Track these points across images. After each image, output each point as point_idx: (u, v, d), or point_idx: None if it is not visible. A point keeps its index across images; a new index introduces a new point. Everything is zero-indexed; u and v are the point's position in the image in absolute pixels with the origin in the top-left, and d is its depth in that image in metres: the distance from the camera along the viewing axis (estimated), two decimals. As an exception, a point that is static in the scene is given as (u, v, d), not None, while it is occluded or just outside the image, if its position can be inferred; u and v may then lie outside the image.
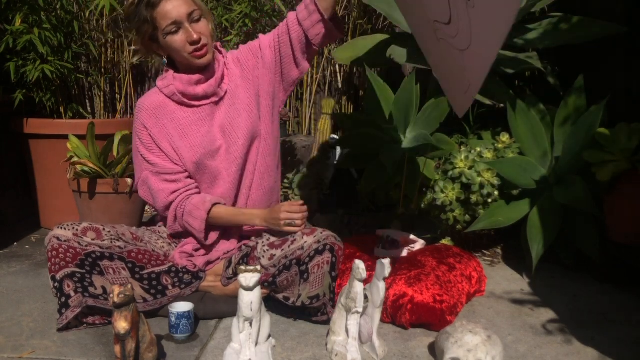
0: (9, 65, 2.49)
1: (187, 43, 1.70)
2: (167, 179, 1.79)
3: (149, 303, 1.71)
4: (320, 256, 1.66)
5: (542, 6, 2.28)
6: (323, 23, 1.76)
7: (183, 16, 1.68)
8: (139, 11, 1.70)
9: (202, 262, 1.80)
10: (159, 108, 1.80)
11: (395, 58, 2.27)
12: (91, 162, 2.38)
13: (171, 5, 1.68)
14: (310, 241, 1.69)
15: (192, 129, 1.80)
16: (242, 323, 1.41)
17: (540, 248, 2.05)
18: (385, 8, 2.39)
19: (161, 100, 1.80)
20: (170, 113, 1.80)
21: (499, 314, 1.82)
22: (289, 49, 1.82)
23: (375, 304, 1.51)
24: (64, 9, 2.60)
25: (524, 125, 2.25)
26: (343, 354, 1.47)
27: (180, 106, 1.80)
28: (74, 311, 1.62)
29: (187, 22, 1.69)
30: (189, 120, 1.80)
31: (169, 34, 1.70)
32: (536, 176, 2.18)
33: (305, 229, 1.74)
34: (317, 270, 1.66)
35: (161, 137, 1.79)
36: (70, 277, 1.64)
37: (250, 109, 1.83)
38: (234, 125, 1.81)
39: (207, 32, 1.73)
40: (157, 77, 3.18)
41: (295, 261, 1.68)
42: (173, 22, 1.68)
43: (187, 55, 1.72)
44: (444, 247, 2.04)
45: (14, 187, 2.92)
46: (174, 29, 1.69)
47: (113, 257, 1.69)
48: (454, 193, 2.15)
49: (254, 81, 1.85)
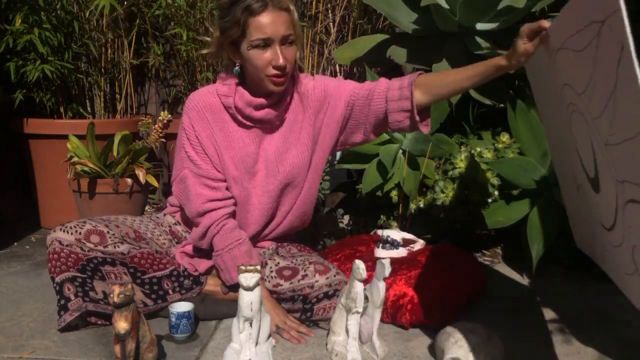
0: (9, 65, 2.50)
1: (269, 64, 1.56)
2: (208, 185, 1.70)
3: (148, 307, 1.70)
4: (328, 300, 1.65)
5: (542, 6, 2.28)
6: (409, 115, 1.63)
7: (278, 36, 1.55)
8: (233, 11, 1.55)
9: (205, 267, 1.77)
10: (211, 112, 1.69)
11: (395, 58, 2.27)
12: (91, 162, 2.38)
13: (270, 19, 1.53)
14: (321, 282, 1.66)
15: (239, 144, 1.71)
16: (242, 323, 1.41)
17: (540, 248, 2.05)
18: (385, 8, 2.39)
19: (216, 105, 1.69)
20: (221, 122, 1.70)
21: (499, 314, 1.82)
22: (363, 115, 1.70)
23: (375, 304, 1.51)
24: (64, 9, 2.60)
25: (524, 125, 2.25)
26: (343, 354, 1.47)
27: (232, 119, 1.71)
28: (72, 314, 1.60)
29: (279, 44, 1.56)
30: (239, 135, 1.71)
31: (256, 47, 1.56)
32: (536, 176, 2.18)
33: (319, 266, 1.69)
34: (322, 312, 1.66)
35: (208, 142, 1.69)
36: (70, 281, 1.62)
37: (303, 149, 1.74)
38: (279, 158, 1.73)
39: (293, 60, 1.60)
40: (156, 78, 3.20)
41: (301, 297, 1.67)
42: (266, 37, 1.54)
43: (264, 77, 1.59)
44: (444, 247, 2.03)
45: (14, 187, 2.92)
46: (263, 44, 1.55)
47: (115, 263, 1.67)
48: (454, 193, 2.15)
49: (317, 125, 1.75)
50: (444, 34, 2.33)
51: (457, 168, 2.15)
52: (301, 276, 1.68)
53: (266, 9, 1.54)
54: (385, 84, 1.68)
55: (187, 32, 2.73)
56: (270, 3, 1.54)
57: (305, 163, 1.76)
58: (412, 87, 1.61)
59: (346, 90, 1.72)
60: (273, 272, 1.71)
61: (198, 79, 2.88)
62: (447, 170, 2.18)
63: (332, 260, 1.93)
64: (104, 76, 2.91)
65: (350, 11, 2.85)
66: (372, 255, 1.96)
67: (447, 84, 1.60)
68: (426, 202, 2.23)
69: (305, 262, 1.71)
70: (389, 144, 2.34)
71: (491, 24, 2.29)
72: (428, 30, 2.33)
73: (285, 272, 1.70)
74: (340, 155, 2.70)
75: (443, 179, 2.18)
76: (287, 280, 1.69)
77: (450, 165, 2.17)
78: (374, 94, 1.67)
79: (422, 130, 1.67)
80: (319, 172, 1.82)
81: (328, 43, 2.91)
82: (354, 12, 2.84)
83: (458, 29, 2.27)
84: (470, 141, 2.34)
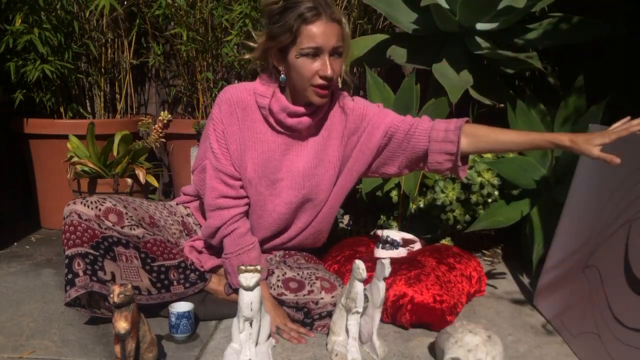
0: (9, 65, 2.50)
1: (316, 74, 1.55)
2: (224, 180, 1.69)
3: (152, 296, 1.70)
4: (330, 320, 1.62)
5: (542, 6, 2.28)
6: (452, 159, 1.63)
7: (328, 46, 1.54)
8: (286, 18, 1.53)
9: (210, 266, 1.77)
10: (242, 109, 1.68)
11: (395, 58, 2.27)
12: (91, 162, 2.39)
13: (322, 29, 1.53)
14: (326, 300, 1.66)
15: (263, 147, 1.69)
16: (242, 323, 1.41)
17: (540, 248, 2.05)
18: (385, 8, 2.39)
19: (250, 103, 1.68)
20: (251, 121, 1.68)
21: (499, 314, 1.82)
22: (400, 149, 1.70)
23: (375, 304, 1.51)
24: (64, 9, 2.60)
25: (524, 125, 2.25)
26: (343, 354, 1.47)
27: (263, 119, 1.69)
28: (78, 290, 1.60)
29: (328, 54, 1.55)
30: (265, 138, 1.69)
31: (305, 55, 1.54)
32: (536, 176, 2.18)
33: (325, 283, 1.68)
34: (320, 330, 1.66)
35: (233, 139, 1.68)
36: (82, 257, 1.61)
37: (330, 167, 1.73)
38: (307, 172, 1.71)
39: (339, 72, 1.60)
40: (156, 78, 3.20)
41: (305, 310, 1.67)
42: (317, 47, 1.53)
43: (309, 87, 1.57)
44: (444, 247, 2.03)
45: (14, 187, 2.92)
46: (313, 53, 1.54)
47: (129, 245, 1.67)
48: (454, 193, 2.15)
49: (349, 147, 1.74)
50: (444, 34, 2.33)
51: (457, 168, 2.15)
52: (307, 291, 1.67)
53: (319, 18, 1.53)
54: (428, 123, 1.68)
55: (187, 32, 2.73)
56: (324, 13, 1.53)
57: (331, 182, 1.75)
58: (459, 131, 1.62)
59: (386, 119, 1.71)
60: (280, 281, 1.70)
61: (198, 79, 2.89)
62: (447, 170, 2.18)
63: (332, 262, 1.93)
64: (104, 76, 2.91)
65: (350, 11, 2.85)
66: (372, 255, 1.95)
67: (495, 142, 1.61)
68: (426, 202, 2.23)
69: (312, 276, 1.70)
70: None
71: (491, 24, 2.29)
72: (428, 30, 2.33)
73: (291, 284, 1.69)
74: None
75: (443, 179, 2.18)
76: (292, 292, 1.68)
77: (450, 165, 2.17)
78: (416, 130, 1.67)
79: (459, 176, 1.68)
80: (342, 195, 1.81)
81: (328, 43, 2.91)
82: (354, 12, 2.84)
83: (458, 29, 2.27)
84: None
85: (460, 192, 2.15)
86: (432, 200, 2.19)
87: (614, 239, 1.45)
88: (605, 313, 1.41)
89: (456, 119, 1.66)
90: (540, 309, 1.79)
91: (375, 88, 2.40)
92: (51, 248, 2.45)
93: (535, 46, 2.33)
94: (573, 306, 1.57)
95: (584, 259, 1.54)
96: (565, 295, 1.62)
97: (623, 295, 1.37)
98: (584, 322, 1.49)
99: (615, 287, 1.40)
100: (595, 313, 1.44)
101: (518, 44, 2.35)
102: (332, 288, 1.67)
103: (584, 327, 1.49)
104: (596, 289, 1.46)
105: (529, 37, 2.35)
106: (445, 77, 2.19)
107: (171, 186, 3.17)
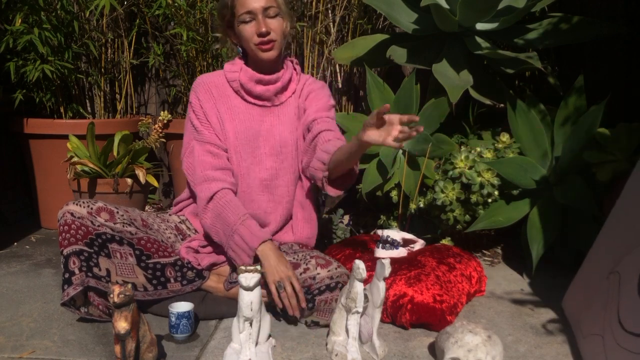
0: (9, 65, 2.50)
1: (255, 34, 1.74)
2: (211, 151, 1.79)
3: (148, 292, 1.71)
4: (330, 293, 1.67)
5: (542, 6, 2.28)
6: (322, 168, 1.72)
7: (258, 8, 1.73)
8: None
9: (207, 263, 1.79)
10: (216, 87, 1.85)
11: (395, 58, 2.27)
12: (91, 162, 2.39)
13: None
14: (323, 274, 1.69)
15: (241, 117, 1.83)
16: (242, 323, 1.41)
17: (540, 248, 2.05)
18: (385, 8, 2.39)
19: (221, 81, 1.86)
20: (225, 96, 1.85)
21: (499, 314, 1.82)
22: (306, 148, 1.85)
23: (375, 304, 1.51)
24: (64, 9, 2.60)
25: (524, 125, 2.25)
26: (343, 354, 1.47)
27: (235, 94, 1.85)
28: (75, 288, 1.62)
29: (262, 15, 1.73)
30: (241, 109, 1.84)
31: (242, 22, 1.75)
32: (536, 176, 2.18)
33: (320, 259, 1.73)
34: (323, 305, 1.68)
35: (212, 112, 1.82)
36: (77, 255, 1.64)
37: (298, 135, 1.87)
38: (281, 139, 1.85)
39: (278, 30, 1.76)
40: (156, 78, 3.20)
41: (304, 290, 1.68)
42: (248, 11, 1.73)
43: (254, 47, 1.76)
44: (444, 247, 2.04)
45: (14, 187, 2.92)
46: (248, 18, 1.74)
47: (122, 242, 1.70)
48: (454, 193, 2.15)
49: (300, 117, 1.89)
50: (444, 34, 2.33)
51: (457, 168, 2.15)
52: (303, 269, 1.70)
53: None
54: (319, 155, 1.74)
55: (187, 32, 2.73)
56: None
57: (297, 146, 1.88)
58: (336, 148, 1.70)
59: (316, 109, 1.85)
60: None
61: (198, 79, 2.88)
62: (447, 170, 2.18)
63: (332, 260, 1.93)
64: (104, 76, 2.91)
65: (350, 11, 2.85)
66: (372, 255, 1.96)
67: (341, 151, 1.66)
68: (426, 202, 2.23)
69: (306, 256, 1.74)
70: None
71: (491, 24, 2.29)
72: (428, 30, 2.33)
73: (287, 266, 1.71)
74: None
75: (443, 179, 2.18)
76: None
77: (450, 165, 2.17)
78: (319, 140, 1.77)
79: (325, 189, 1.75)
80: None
81: (328, 43, 2.91)
82: (354, 12, 2.84)
83: (458, 29, 2.27)
84: (470, 141, 2.34)
85: (460, 192, 2.15)
86: (432, 200, 2.19)
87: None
88: (613, 316, 1.41)
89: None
90: (564, 307, 1.78)
91: (375, 88, 2.40)
92: (51, 248, 2.45)
93: (535, 46, 2.34)
94: (591, 308, 1.57)
95: (612, 265, 1.54)
96: (588, 298, 1.62)
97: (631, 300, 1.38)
98: (596, 324, 1.49)
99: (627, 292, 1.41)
100: (606, 316, 1.45)
101: (518, 44, 2.35)
102: (328, 263, 1.71)
103: (593, 329, 1.50)
104: (613, 294, 1.46)
105: (529, 37, 2.35)
106: (445, 77, 2.19)
107: (171, 186, 3.17)
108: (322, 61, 3.04)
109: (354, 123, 2.43)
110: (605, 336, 1.40)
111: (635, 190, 1.61)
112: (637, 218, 1.53)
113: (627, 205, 1.63)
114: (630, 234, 1.53)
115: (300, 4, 2.98)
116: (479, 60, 2.34)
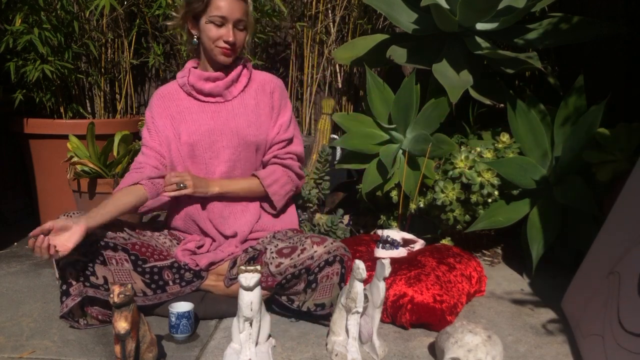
0: (9, 65, 2.50)
1: (220, 39, 1.81)
2: (143, 152, 1.89)
3: (148, 297, 1.72)
4: (330, 267, 1.67)
5: (542, 6, 2.28)
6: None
7: (232, 18, 1.80)
8: None
9: (206, 262, 1.79)
10: (169, 94, 1.93)
11: (395, 58, 2.27)
12: (91, 162, 2.38)
13: (229, 3, 1.79)
14: (320, 251, 1.69)
15: (194, 116, 1.89)
16: (242, 323, 1.41)
17: (540, 248, 2.05)
18: (385, 8, 2.39)
19: (174, 88, 1.94)
20: (177, 100, 1.92)
21: (499, 314, 1.82)
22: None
23: (375, 304, 1.51)
24: (64, 9, 2.60)
25: (524, 125, 2.25)
26: (343, 354, 1.47)
27: (188, 96, 1.92)
28: (74, 299, 1.62)
29: (232, 25, 1.81)
30: (194, 109, 1.90)
31: (212, 23, 1.80)
32: (536, 176, 2.18)
33: (315, 238, 1.73)
34: (325, 280, 1.67)
35: (163, 115, 1.90)
36: (72, 265, 1.64)
37: (255, 124, 1.91)
38: (238, 131, 1.88)
39: (242, 42, 1.87)
40: (156, 78, 3.20)
41: (304, 270, 1.68)
42: (222, 16, 1.79)
43: (214, 47, 1.83)
44: (444, 247, 2.04)
45: (14, 187, 2.92)
46: (219, 22, 1.80)
47: (117, 248, 1.69)
48: (454, 193, 2.15)
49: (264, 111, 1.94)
50: (444, 34, 2.33)
51: (457, 168, 2.15)
52: (300, 250, 1.70)
53: None
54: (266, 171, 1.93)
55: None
56: None
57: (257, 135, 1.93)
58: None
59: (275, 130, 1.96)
60: (273, 253, 1.72)
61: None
62: (447, 170, 2.18)
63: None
64: (104, 76, 2.91)
65: (350, 11, 2.85)
66: (372, 255, 1.96)
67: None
68: (426, 202, 2.23)
69: (301, 238, 1.75)
70: (389, 144, 2.34)
71: (491, 24, 2.29)
72: (428, 30, 2.33)
73: (284, 250, 1.72)
74: (341, 155, 2.70)
75: (443, 179, 2.18)
76: (287, 257, 1.69)
77: (450, 165, 2.17)
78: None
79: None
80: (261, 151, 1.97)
81: (328, 43, 2.92)
82: (354, 12, 2.84)
83: (458, 29, 2.27)
84: (470, 141, 2.34)
85: (460, 192, 2.15)
86: (432, 200, 2.19)
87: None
88: (613, 316, 1.41)
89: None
90: (563, 307, 1.78)
91: (375, 88, 2.40)
92: (51, 248, 2.45)
93: (535, 46, 2.34)
94: (591, 308, 1.57)
95: (612, 265, 1.55)
96: (587, 298, 1.62)
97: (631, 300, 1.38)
98: (596, 324, 1.49)
99: (627, 292, 1.41)
100: (606, 316, 1.45)
101: (518, 44, 2.35)
102: (323, 240, 1.71)
103: (593, 329, 1.50)
104: (613, 293, 1.47)
105: (529, 37, 2.35)
106: (445, 77, 2.19)
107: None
108: (322, 61, 3.04)
109: (354, 123, 2.43)
110: (605, 336, 1.40)
111: (635, 190, 1.61)
112: (637, 218, 1.53)
113: (626, 205, 1.63)
114: (630, 234, 1.53)
115: (300, 4, 2.98)
116: (479, 60, 2.34)
